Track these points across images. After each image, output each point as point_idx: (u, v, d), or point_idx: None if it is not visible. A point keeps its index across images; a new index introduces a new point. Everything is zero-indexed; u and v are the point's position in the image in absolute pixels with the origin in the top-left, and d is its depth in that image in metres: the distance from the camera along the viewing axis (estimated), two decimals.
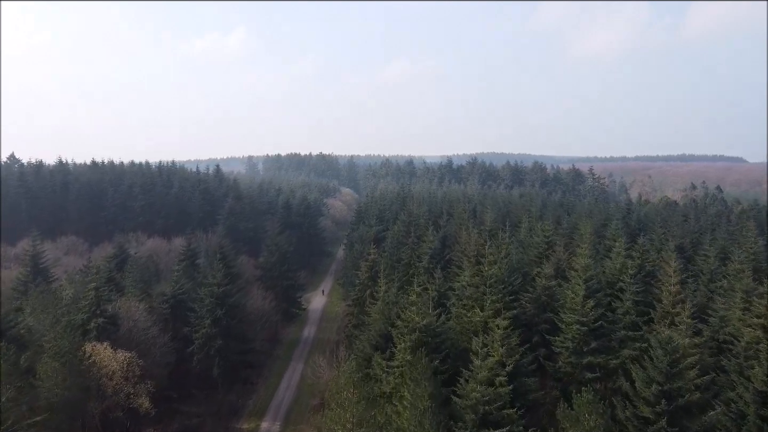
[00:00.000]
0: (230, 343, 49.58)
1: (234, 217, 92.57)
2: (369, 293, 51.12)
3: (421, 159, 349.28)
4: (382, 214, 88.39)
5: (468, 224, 62.38)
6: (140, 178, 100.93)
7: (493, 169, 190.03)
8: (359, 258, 70.97)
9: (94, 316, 43.04)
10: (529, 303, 40.06)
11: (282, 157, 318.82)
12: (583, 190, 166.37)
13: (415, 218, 72.89)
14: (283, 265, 67.30)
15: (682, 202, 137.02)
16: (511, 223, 76.43)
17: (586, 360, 32.06)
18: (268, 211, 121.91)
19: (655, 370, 23.72)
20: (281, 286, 66.46)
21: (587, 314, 32.75)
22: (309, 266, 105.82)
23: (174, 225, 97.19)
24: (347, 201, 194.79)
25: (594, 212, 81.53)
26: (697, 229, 69.04)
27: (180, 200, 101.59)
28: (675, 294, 32.78)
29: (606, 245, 59.67)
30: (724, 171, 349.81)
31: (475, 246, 52.83)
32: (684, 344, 24.09)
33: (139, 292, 51.79)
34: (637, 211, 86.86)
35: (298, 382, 56.02)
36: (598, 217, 72.13)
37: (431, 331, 33.11)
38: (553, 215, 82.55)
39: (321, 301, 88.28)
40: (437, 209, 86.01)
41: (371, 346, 38.89)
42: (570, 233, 63.06)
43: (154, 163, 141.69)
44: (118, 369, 39.73)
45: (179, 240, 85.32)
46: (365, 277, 51.24)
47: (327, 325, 76.47)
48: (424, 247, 57.01)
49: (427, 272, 54.80)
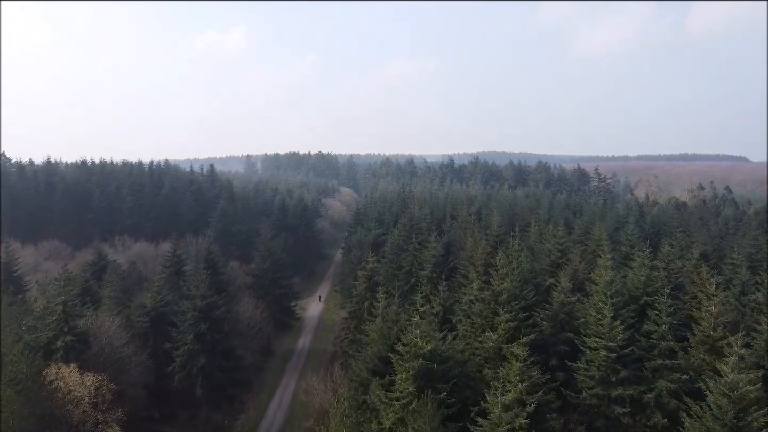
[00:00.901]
0: (215, 360, 45.34)
1: (226, 220, 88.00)
2: (367, 306, 46.88)
3: (421, 158, 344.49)
4: (382, 216, 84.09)
5: (473, 229, 58.05)
6: (129, 178, 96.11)
7: (496, 168, 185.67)
8: (357, 264, 66.73)
9: (61, 333, 38.76)
10: (545, 320, 35.81)
11: (281, 156, 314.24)
12: (588, 190, 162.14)
13: (416, 221, 68.55)
14: (275, 272, 63.07)
15: (691, 203, 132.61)
16: (519, 227, 72.22)
17: (616, 392, 27.81)
18: (264, 212, 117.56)
19: (716, 422, 19.54)
20: (274, 295, 62.22)
21: (615, 338, 28.49)
22: (306, 270, 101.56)
23: (164, 228, 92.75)
24: (346, 201, 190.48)
25: (606, 215, 77.18)
26: (718, 234, 64.74)
27: (171, 202, 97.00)
28: (717, 315, 28.53)
29: (622, 252, 55.37)
30: (728, 170, 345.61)
31: (483, 254, 48.58)
32: (749, 390, 19.86)
33: (117, 305, 47.55)
34: (649, 214, 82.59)
35: (290, 401, 51.81)
36: (610, 220, 67.74)
37: (437, 357, 28.86)
38: (561, 218, 78.27)
39: (318, 308, 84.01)
40: (440, 212, 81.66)
41: (368, 370, 34.59)
42: (583, 239, 58.70)
43: (146, 163, 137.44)
44: (85, 394, 35.49)
45: (167, 244, 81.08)
46: (363, 288, 46.98)
47: (323, 334, 72.24)
48: (426, 254, 52.71)
49: (430, 282, 50.52)
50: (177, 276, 58.11)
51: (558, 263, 48.06)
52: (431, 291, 45.35)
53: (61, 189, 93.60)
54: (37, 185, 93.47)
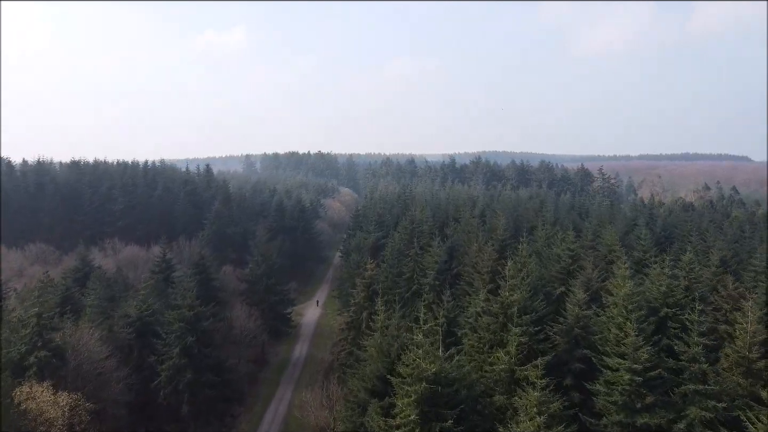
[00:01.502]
0: (203, 375, 42.43)
1: (221, 222, 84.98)
2: (366, 316, 44.05)
3: (422, 157, 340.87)
4: (382, 218, 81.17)
5: (478, 233, 55.12)
6: (121, 178, 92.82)
7: (498, 168, 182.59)
8: (355, 269, 63.89)
9: (35, 348, 35.90)
10: (558, 335, 32.91)
11: (280, 155, 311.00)
12: (591, 190, 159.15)
13: (418, 224, 65.65)
14: (270, 278, 60.17)
15: (698, 204, 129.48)
16: (524, 230, 69.30)
17: (641, 420, 24.93)
18: (261, 213, 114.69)
19: None
20: (268, 302, 59.32)
21: (640, 359, 25.61)
22: (304, 273, 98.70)
23: (157, 230, 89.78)
24: (346, 201, 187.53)
25: (615, 217, 74.28)
26: (733, 237, 61.79)
27: (164, 203, 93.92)
28: (753, 333, 25.65)
29: (635, 257, 52.41)
30: (731, 170, 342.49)
31: (489, 260, 45.68)
32: None
33: (99, 314, 44.69)
34: (660, 216, 79.64)
35: (285, 415, 49.00)
36: (620, 223, 64.72)
37: (442, 379, 26.03)
38: (568, 220, 75.36)
39: (315, 314, 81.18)
40: (442, 213, 78.72)
41: (366, 390, 31.79)
42: (594, 243, 55.73)
43: (142, 162, 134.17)
44: (59, 415, 32.68)
45: (159, 248, 78.21)
46: (361, 296, 44.11)
47: (320, 341, 69.41)
48: (428, 259, 49.83)
49: (432, 290, 47.66)
50: (165, 282, 55.24)
51: (569, 270, 45.15)
52: (434, 300, 42.54)
53: (51, 190, 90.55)
54: (27, 186, 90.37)
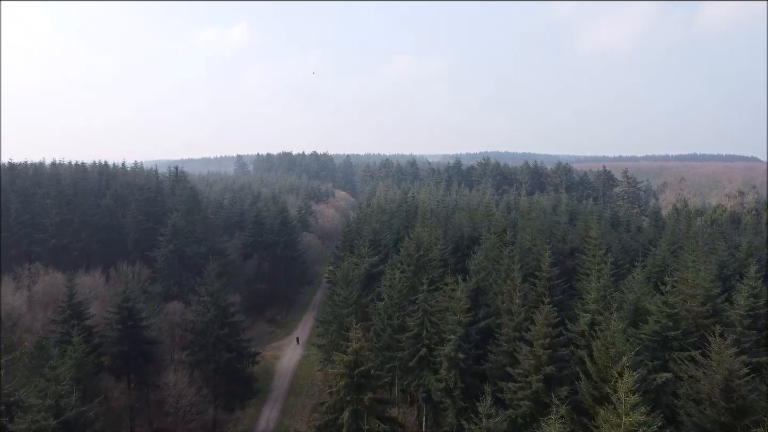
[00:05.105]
0: None
1: (179, 239, 68.06)
2: (349, 417, 27.07)
3: (423, 158, 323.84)
4: (378, 236, 64.05)
5: (514, 270, 37.92)
6: (57, 184, 74.49)
7: (509, 170, 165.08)
8: (341, 310, 46.92)
9: None
10: None
11: (273, 156, 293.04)
12: (614, 195, 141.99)
13: (425, 250, 48.55)
14: (222, 328, 43.17)
15: (745, 218, 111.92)
16: (567, 259, 52.04)
17: None
18: (240, 224, 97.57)
19: None
20: (219, 362, 42.37)
21: None
22: (285, 299, 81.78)
23: (100, 250, 72.76)
24: (341, 207, 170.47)
25: (678, 237, 57.24)
26: None
27: (114, 215, 76.68)
28: None
29: None
30: (748, 171, 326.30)
31: (544, 325, 28.73)
32: None
33: None
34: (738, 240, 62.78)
35: None
36: (712, 259, 46.35)
37: None
38: (617, 243, 58.46)
39: (294, 355, 64.20)
40: (455, 230, 61.50)
41: None
42: (693, 291, 37.74)
43: (110, 162, 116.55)
44: None
45: (97, 273, 61.16)
46: (340, 386, 27.10)
47: (296, 401, 52.58)
48: (447, 317, 32.84)
49: (453, 367, 30.66)
50: (68, 337, 38.11)
51: (672, 344, 28.26)
52: (456, 401, 25.71)
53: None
54: None
